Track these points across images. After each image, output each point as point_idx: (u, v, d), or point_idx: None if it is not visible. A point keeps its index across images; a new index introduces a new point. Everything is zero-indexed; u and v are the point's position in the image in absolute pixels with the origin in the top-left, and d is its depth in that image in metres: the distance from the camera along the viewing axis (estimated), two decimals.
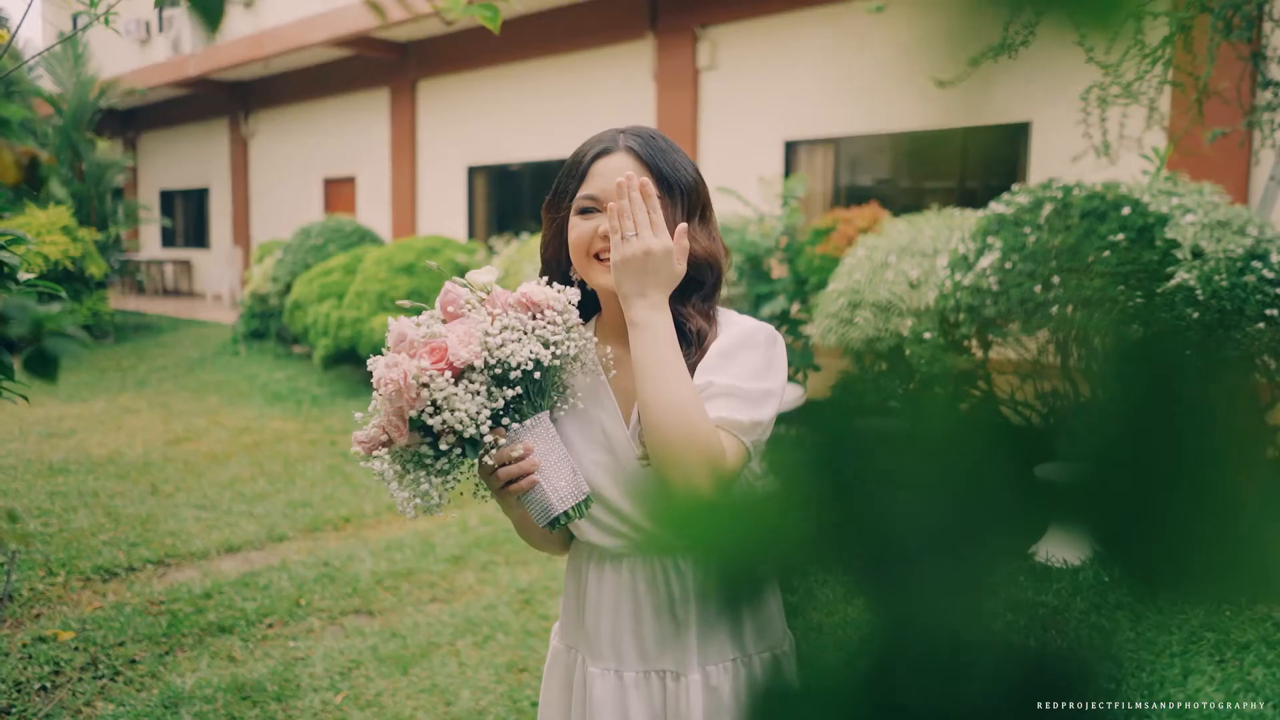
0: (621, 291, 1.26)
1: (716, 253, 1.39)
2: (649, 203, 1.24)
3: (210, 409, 8.00)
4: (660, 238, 1.24)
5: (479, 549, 4.53)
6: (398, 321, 1.26)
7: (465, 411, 1.18)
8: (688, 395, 1.22)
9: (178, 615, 3.75)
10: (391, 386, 1.18)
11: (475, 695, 3.15)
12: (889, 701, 0.31)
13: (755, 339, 1.34)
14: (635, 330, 1.25)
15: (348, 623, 3.75)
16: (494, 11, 1.05)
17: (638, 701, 1.41)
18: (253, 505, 5.25)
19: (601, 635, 1.43)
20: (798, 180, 6.90)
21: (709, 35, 10.84)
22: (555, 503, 1.26)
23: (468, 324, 1.22)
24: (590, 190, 1.35)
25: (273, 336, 11.23)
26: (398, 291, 8.49)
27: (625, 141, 1.36)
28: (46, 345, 0.50)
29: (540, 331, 1.24)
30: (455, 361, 1.18)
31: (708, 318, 1.37)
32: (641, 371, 1.24)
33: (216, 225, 19.18)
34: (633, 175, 1.25)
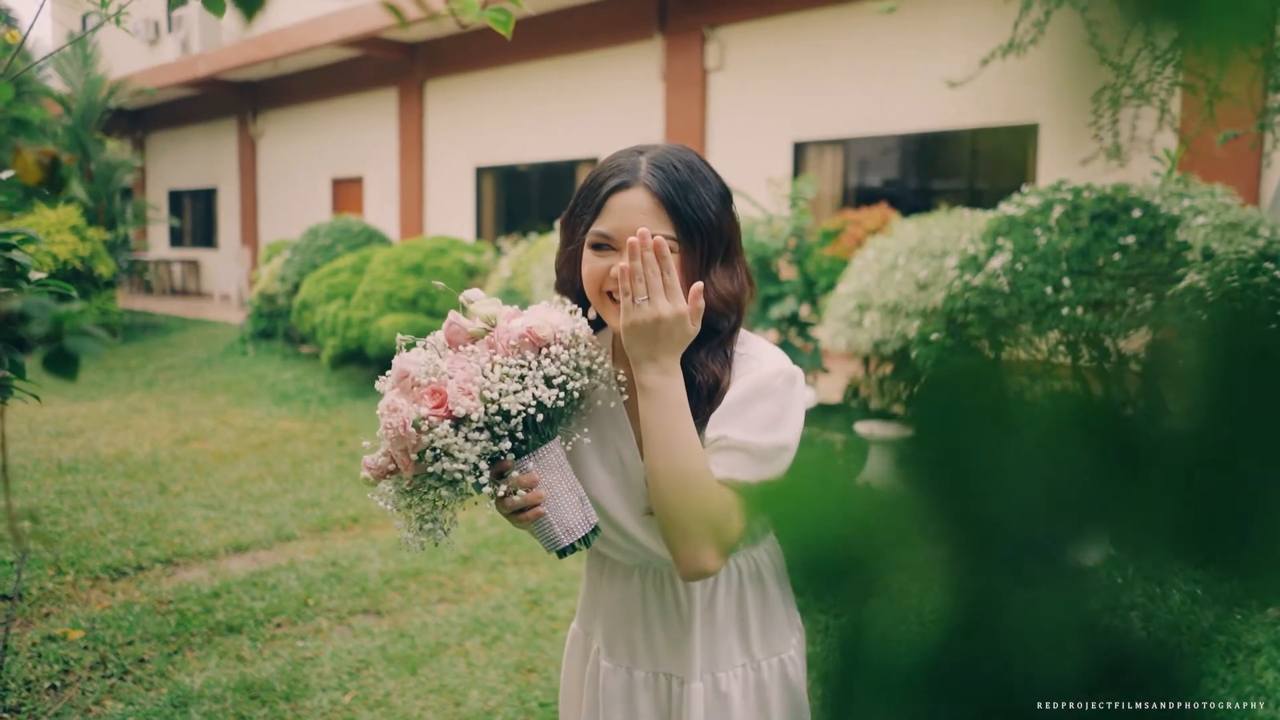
0: (631, 354, 1.21)
1: (738, 295, 1.31)
2: (663, 264, 1.17)
3: (218, 409, 8.02)
4: (673, 302, 1.17)
5: (487, 549, 4.53)
6: (400, 358, 1.23)
7: (466, 457, 1.16)
8: (696, 467, 1.19)
9: (186, 614, 3.75)
10: (392, 433, 1.18)
11: (484, 695, 3.14)
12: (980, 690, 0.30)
13: (772, 386, 1.27)
14: (644, 395, 1.21)
15: (356, 623, 3.75)
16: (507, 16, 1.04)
17: (646, 700, 1.43)
18: (261, 505, 5.25)
19: (614, 634, 1.46)
20: (807, 181, 6.89)
21: (717, 36, 10.83)
22: (561, 535, 1.26)
23: (469, 368, 1.20)
24: (604, 227, 1.27)
25: (280, 336, 11.25)
26: (406, 291, 8.50)
27: (644, 176, 1.27)
28: (67, 344, 0.50)
29: (546, 369, 1.20)
30: (455, 410, 1.16)
31: (722, 364, 1.30)
32: (650, 438, 1.21)
33: (225, 225, 19.23)
34: (646, 234, 1.16)
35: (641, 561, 1.42)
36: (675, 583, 1.41)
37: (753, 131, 10.53)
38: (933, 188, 9.52)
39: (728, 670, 1.41)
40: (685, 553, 1.21)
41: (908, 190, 9.63)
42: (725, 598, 1.41)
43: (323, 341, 8.93)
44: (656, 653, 1.42)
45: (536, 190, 13.44)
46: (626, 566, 1.44)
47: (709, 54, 10.86)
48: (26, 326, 0.50)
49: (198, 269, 19.82)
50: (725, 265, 1.30)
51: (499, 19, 1.03)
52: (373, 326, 8.38)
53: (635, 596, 1.43)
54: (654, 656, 1.43)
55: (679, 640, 1.41)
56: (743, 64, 10.68)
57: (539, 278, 7.67)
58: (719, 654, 1.41)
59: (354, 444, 6.74)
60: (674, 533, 1.21)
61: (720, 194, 1.30)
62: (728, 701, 1.40)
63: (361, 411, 7.89)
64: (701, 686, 1.40)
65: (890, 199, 9.22)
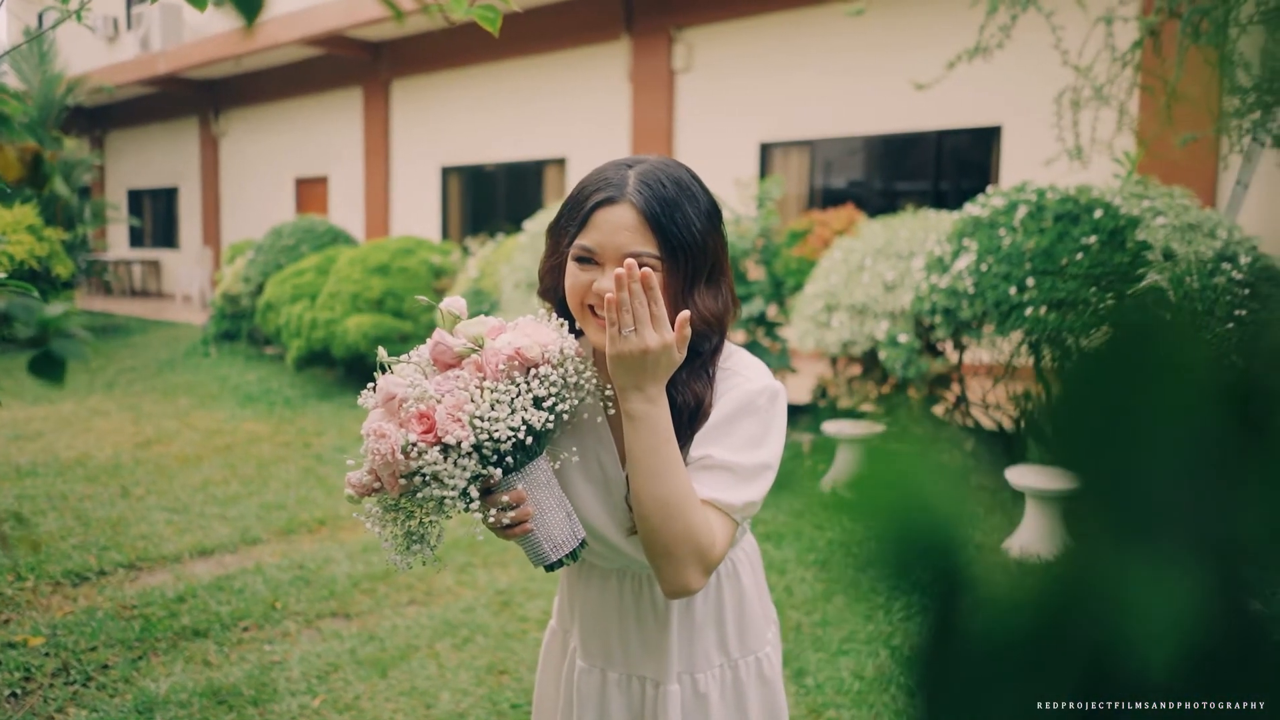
0: (617, 384, 1.21)
1: (722, 315, 1.31)
2: (650, 295, 1.16)
3: (181, 411, 7.91)
4: (660, 333, 1.17)
5: (457, 551, 4.51)
6: (385, 379, 1.22)
7: (453, 485, 1.16)
8: (681, 493, 1.20)
9: (150, 619, 3.70)
10: (379, 458, 1.16)
11: (455, 697, 3.13)
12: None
13: (756, 404, 1.29)
14: (630, 423, 1.21)
15: (324, 626, 3.71)
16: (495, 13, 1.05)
17: (618, 701, 1.44)
18: (225, 508, 5.19)
19: (590, 635, 1.47)
20: (774, 182, 6.93)
21: (684, 37, 10.85)
22: (549, 550, 1.26)
23: (457, 393, 1.18)
24: (588, 241, 1.26)
25: (244, 338, 11.12)
26: (372, 292, 8.44)
27: (631, 192, 1.25)
28: (54, 347, 0.49)
29: (535, 390, 1.20)
30: (444, 437, 1.15)
31: (704, 384, 1.31)
32: (635, 465, 1.21)
33: (186, 225, 18.97)
34: (634, 264, 1.15)
35: (620, 565, 1.43)
36: (653, 585, 1.41)
37: (720, 132, 10.57)
38: (897, 189, 9.61)
39: (706, 671, 1.42)
40: (669, 573, 1.22)
41: (873, 191, 9.72)
42: (703, 600, 1.42)
43: (287, 343, 8.84)
44: (631, 655, 1.43)
45: (503, 191, 13.39)
46: (604, 570, 1.45)
47: (676, 55, 10.89)
48: (10, 328, 0.49)
49: (158, 269, 19.52)
50: (710, 285, 1.30)
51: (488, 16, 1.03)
52: (338, 327, 8.30)
53: (612, 599, 1.44)
54: (629, 659, 1.43)
55: (655, 642, 1.41)
56: (710, 65, 10.72)
57: (507, 278, 7.64)
58: (696, 655, 1.42)
59: (320, 446, 6.67)
60: (658, 555, 1.22)
61: (708, 212, 1.30)
62: (706, 702, 1.42)
63: (327, 413, 7.81)
64: (678, 689, 1.40)
65: (856, 200, 9.30)
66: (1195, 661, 0.28)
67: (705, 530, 1.21)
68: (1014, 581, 0.29)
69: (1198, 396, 0.28)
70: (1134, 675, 0.28)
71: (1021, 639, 0.29)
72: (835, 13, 9.37)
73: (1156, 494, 0.28)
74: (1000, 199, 4.82)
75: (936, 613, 0.30)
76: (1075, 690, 0.28)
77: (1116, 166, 5.36)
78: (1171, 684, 0.28)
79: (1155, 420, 0.28)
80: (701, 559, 1.21)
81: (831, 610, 3.82)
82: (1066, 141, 5.68)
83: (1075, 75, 5.45)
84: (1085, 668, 0.28)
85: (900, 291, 5.22)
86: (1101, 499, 0.29)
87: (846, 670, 3.28)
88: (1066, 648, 0.28)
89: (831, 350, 5.62)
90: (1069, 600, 0.28)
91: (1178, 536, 0.28)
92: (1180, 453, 0.28)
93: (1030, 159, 7.79)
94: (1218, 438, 0.28)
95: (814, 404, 6.22)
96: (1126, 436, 0.29)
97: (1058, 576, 0.29)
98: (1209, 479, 0.28)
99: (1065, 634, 0.28)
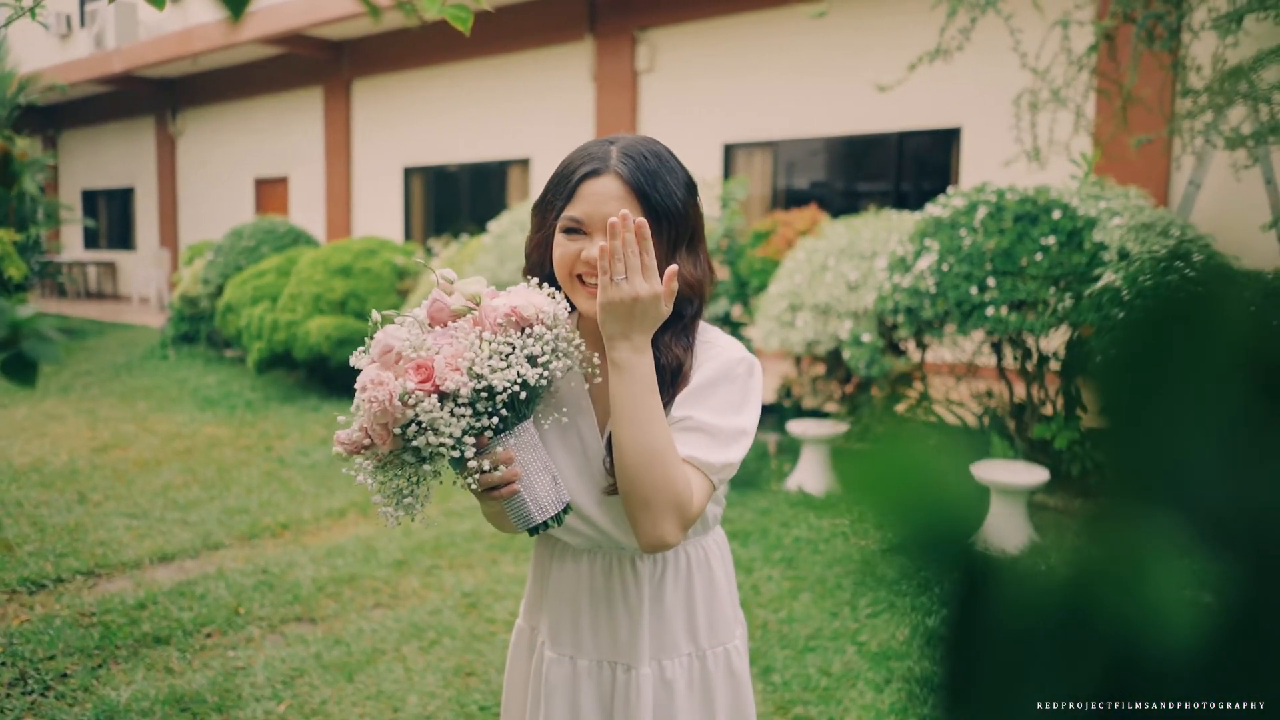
0: (606, 332, 1.25)
1: (702, 280, 1.38)
2: (642, 245, 1.21)
3: (139, 415, 7.78)
4: (650, 283, 1.21)
5: (422, 553, 4.48)
6: (383, 332, 1.24)
7: (449, 433, 1.17)
8: (661, 442, 1.24)
9: (110, 627, 3.64)
10: (376, 406, 1.17)
11: (423, 700, 3.12)
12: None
13: (735, 371, 1.35)
14: (616, 371, 1.25)
15: (289, 631, 3.68)
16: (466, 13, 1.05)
17: (589, 689, 1.44)
18: (186, 513, 5.12)
19: (560, 622, 1.47)
20: (738, 183, 6.96)
21: (648, 38, 10.87)
22: (535, 512, 1.28)
23: (455, 344, 1.21)
24: (575, 212, 1.32)
25: (203, 340, 10.96)
26: (334, 294, 8.36)
27: (615, 164, 1.32)
28: (25, 348, 0.49)
29: (529, 349, 1.23)
30: (442, 385, 1.17)
31: (685, 348, 1.36)
32: (618, 413, 1.25)
33: (143, 226, 18.66)
34: (628, 215, 1.20)
35: (592, 545, 1.43)
36: (624, 567, 1.43)
37: (683, 133, 10.59)
38: (859, 189, 9.70)
39: (674, 659, 1.43)
40: (646, 523, 1.25)
41: (835, 192, 9.79)
42: (673, 583, 1.44)
43: (248, 345, 8.73)
44: (601, 640, 1.44)
45: (466, 191, 13.32)
46: (576, 551, 1.46)
47: (639, 56, 10.90)
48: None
49: (114, 271, 19.19)
50: (690, 252, 1.37)
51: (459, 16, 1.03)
52: (300, 329, 8.21)
53: (584, 581, 1.44)
54: (599, 644, 1.44)
55: (627, 625, 1.42)
56: (673, 66, 10.74)
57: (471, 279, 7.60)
58: (665, 640, 1.43)
59: (282, 449, 6.60)
60: (637, 504, 1.25)
61: (686, 184, 1.37)
62: (672, 690, 1.42)
63: (289, 416, 7.73)
64: (650, 671, 1.41)
65: (819, 200, 9.37)
66: (1217, 648, 0.27)
67: (683, 483, 1.25)
68: (1038, 567, 0.30)
69: (1234, 369, 0.28)
70: (1155, 661, 0.28)
71: (1046, 624, 0.29)
72: (798, 15, 9.44)
73: (1188, 468, 0.29)
74: (961, 199, 4.88)
75: (961, 599, 0.30)
76: (1098, 677, 0.28)
77: (1074, 167, 5.44)
78: (1192, 669, 0.28)
79: (1191, 392, 0.28)
80: (679, 511, 1.24)
81: (798, 607, 3.85)
82: (1025, 143, 5.76)
83: (1033, 78, 5.53)
84: (1108, 655, 0.28)
85: (863, 291, 5.26)
86: (1133, 474, 0.29)
87: (813, 667, 3.30)
88: (1090, 633, 0.28)
89: (796, 350, 5.66)
90: (1094, 586, 0.28)
91: (1206, 512, 0.28)
92: (1212, 424, 0.28)
93: (989, 160, 7.90)
94: (1250, 411, 0.28)
95: (779, 404, 6.26)
96: (1162, 407, 0.29)
97: (1083, 562, 0.29)
98: (1240, 452, 0.28)
99: (1089, 619, 0.28)
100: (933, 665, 0.31)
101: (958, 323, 4.63)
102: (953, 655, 0.30)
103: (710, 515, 1.47)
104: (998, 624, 0.29)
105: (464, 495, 5.47)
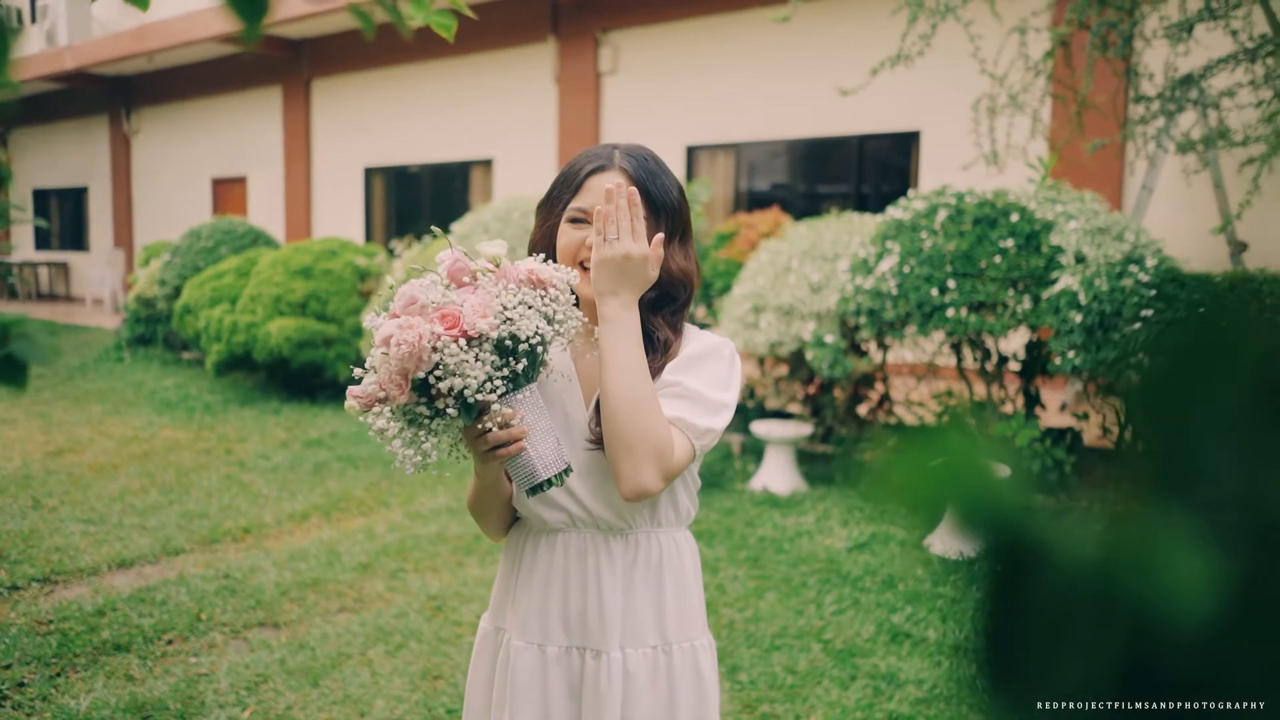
0: (597, 289, 1.35)
1: (692, 272, 1.50)
2: (633, 211, 1.34)
3: (94, 418, 7.65)
4: (639, 244, 1.33)
5: (386, 556, 4.46)
6: (408, 285, 1.30)
7: (475, 378, 1.22)
8: (646, 391, 1.33)
9: (68, 634, 3.58)
10: (405, 348, 1.21)
11: (389, 704, 3.10)
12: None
13: (721, 352, 1.47)
14: (605, 325, 1.35)
15: (252, 636, 3.64)
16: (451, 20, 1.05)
17: (558, 676, 1.46)
18: (145, 518, 5.04)
19: (530, 609, 1.48)
20: (702, 184, 7.00)
21: (610, 40, 10.89)
22: (540, 469, 1.32)
23: (482, 295, 1.27)
24: (582, 203, 1.44)
25: (160, 342, 10.80)
26: (295, 295, 8.27)
27: (620, 161, 1.45)
28: (15, 350, 0.49)
29: (545, 308, 1.29)
30: (470, 330, 1.22)
31: (675, 330, 1.48)
32: (607, 362, 1.34)
33: (96, 226, 18.33)
34: (622, 183, 1.34)
35: (569, 522, 1.46)
36: (599, 550, 1.45)
37: (646, 135, 10.62)
38: (820, 192, 9.78)
39: (638, 649, 1.45)
40: (629, 469, 1.32)
41: (796, 194, 9.87)
42: (645, 569, 1.47)
43: (207, 347, 8.61)
44: (572, 626, 1.45)
45: (428, 192, 13.24)
46: (550, 534, 1.48)
47: (602, 57, 10.91)
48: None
49: (67, 272, 18.83)
50: (682, 245, 1.50)
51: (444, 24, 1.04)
52: (260, 331, 8.12)
53: (558, 564, 1.46)
54: (569, 630, 1.45)
55: (597, 610, 1.44)
56: (636, 68, 10.77)
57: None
58: (633, 629, 1.45)
59: (242, 452, 6.53)
60: (621, 449, 1.32)
61: (679, 186, 1.51)
62: (634, 681, 1.44)
63: (249, 419, 7.64)
64: (621, 655, 1.43)
65: (780, 202, 9.44)
66: (1227, 626, 0.30)
67: (665, 433, 1.33)
68: (1076, 544, 0.32)
69: (1247, 390, 0.31)
70: (1172, 635, 0.30)
71: (1083, 601, 0.31)
72: (760, 18, 9.50)
73: (1212, 470, 0.31)
74: (921, 202, 4.94)
75: (1005, 578, 0.33)
76: (1122, 650, 0.30)
77: (1031, 171, 5.54)
78: (1204, 644, 0.30)
79: (1220, 405, 0.31)
80: (660, 459, 1.32)
81: (764, 606, 3.88)
82: (983, 147, 5.86)
83: (991, 83, 5.62)
84: (1132, 630, 0.30)
85: (826, 293, 5.32)
86: (1165, 474, 0.32)
87: (779, 665, 3.33)
88: (1118, 611, 0.30)
89: (759, 351, 5.70)
90: (1122, 570, 0.30)
91: (1227, 509, 0.31)
92: (1236, 435, 0.31)
93: (948, 163, 8.01)
94: (1261, 426, 0.31)
95: (743, 405, 6.30)
96: (1194, 419, 0.31)
97: (1113, 540, 0.31)
98: (1250, 461, 0.31)
99: (1119, 599, 0.30)
100: (976, 639, 0.33)
101: (919, 324, 4.70)
102: (996, 630, 0.32)
103: (683, 507, 1.51)
104: (1039, 600, 0.31)
105: (428, 497, 5.44)
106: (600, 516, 1.45)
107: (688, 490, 1.51)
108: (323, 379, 8.43)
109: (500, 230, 7.51)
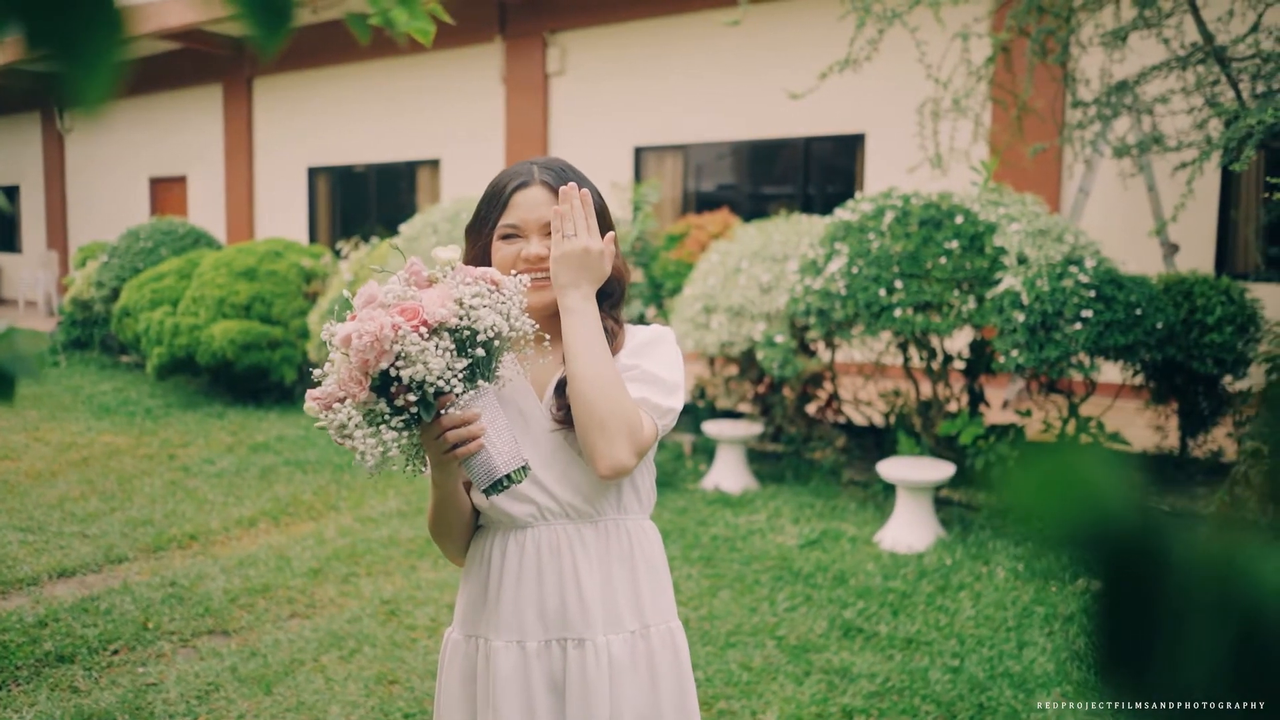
0: (558, 283, 1.43)
1: (622, 270, 1.59)
2: (586, 209, 1.44)
3: (29, 424, 7.44)
4: (595, 239, 1.43)
5: (338, 561, 4.41)
6: (367, 286, 1.32)
7: (435, 366, 1.24)
8: (612, 372, 1.41)
9: (9, 646, 3.49)
10: (367, 338, 1.23)
11: (345, 710, 3.08)
12: None
13: (667, 338, 1.56)
14: (569, 315, 1.42)
15: (202, 644, 3.58)
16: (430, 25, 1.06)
17: (539, 671, 1.46)
18: (86, 525, 4.93)
19: (505, 607, 1.48)
20: (650, 186, 7.02)
21: (558, 41, 10.87)
22: (499, 465, 1.34)
23: (440, 288, 1.31)
24: (511, 219, 1.50)
25: (97, 346, 10.54)
26: (239, 297, 8.13)
27: (540, 175, 1.52)
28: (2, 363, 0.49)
29: (501, 306, 1.33)
30: (430, 320, 1.25)
31: (616, 322, 1.56)
32: (573, 350, 1.41)
33: (29, 226, 17.82)
34: (574, 185, 1.43)
35: (539, 515, 1.48)
36: (571, 538, 1.47)
37: (594, 136, 10.63)
38: (766, 193, 9.88)
39: (619, 634, 1.47)
40: (603, 445, 1.38)
41: (743, 195, 9.95)
42: (619, 553, 1.50)
43: (147, 351, 8.42)
44: (550, 618, 1.46)
45: (374, 192, 13.10)
46: (520, 531, 1.49)
47: (550, 58, 10.89)
48: None
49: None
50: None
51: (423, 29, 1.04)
52: (203, 334, 7.97)
53: (531, 559, 1.47)
54: (547, 623, 1.46)
55: (576, 597, 1.45)
56: (584, 69, 10.77)
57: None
58: (612, 614, 1.47)
59: (186, 457, 6.40)
60: (594, 428, 1.38)
61: (598, 191, 1.57)
62: (617, 667, 1.46)
63: (192, 423, 7.49)
64: (605, 640, 1.45)
65: (728, 203, 9.51)
66: None
67: (635, 411, 1.41)
68: (1189, 549, 0.33)
69: None
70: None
71: (1199, 600, 0.32)
72: (708, 20, 9.56)
73: None
74: (869, 204, 5.02)
75: (1116, 580, 0.34)
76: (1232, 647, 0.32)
77: (973, 174, 5.66)
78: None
79: None
80: (632, 434, 1.39)
81: (718, 604, 3.92)
82: (927, 150, 5.97)
83: (935, 87, 5.73)
84: (1242, 628, 0.32)
85: (776, 293, 5.38)
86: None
87: (734, 662, 3.37)
88: (1233, 611, 0.32)
89: (710, 351, 5.74)
90: (1238, 572, 0.32)
91: None
92: None
93: (893, 165, 8.14)
94: None
95: (693, 404, 6.34)
96: None
97: (1231, 545, 0.33)
98: None
99: (1233, 599, 0.32)
100: (1092, 636, 0.35)
101: (866, 324, 4.78)
102: (1115, 628, 0.34)
103: (645, 494, 1.56)
104: (1161, 604, 0.33)
105: (379, 501, 5.39)
106: (568, 503, 1.48)
107: (647, 477, 1.57)
108: (268, 382, 8.30)
109: (449, 231, 7.47)
